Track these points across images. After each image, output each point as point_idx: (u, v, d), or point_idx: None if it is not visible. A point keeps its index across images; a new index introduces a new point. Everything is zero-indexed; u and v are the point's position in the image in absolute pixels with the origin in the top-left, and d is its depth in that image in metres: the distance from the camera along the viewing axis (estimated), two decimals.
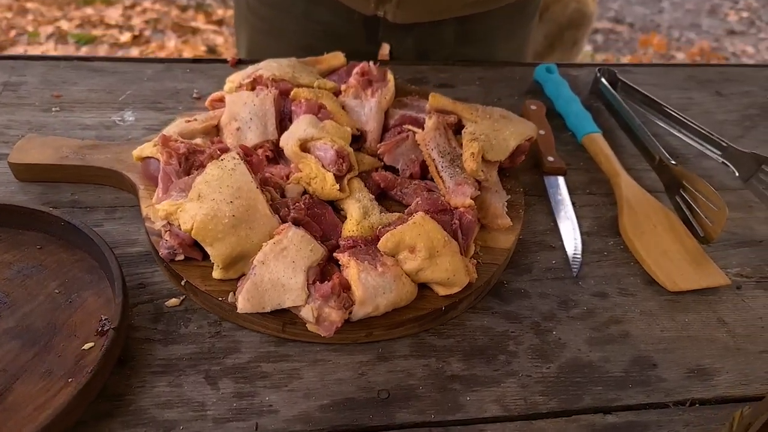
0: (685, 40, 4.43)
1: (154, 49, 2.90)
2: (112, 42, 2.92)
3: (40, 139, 0.57)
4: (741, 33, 4.63)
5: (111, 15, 3.34)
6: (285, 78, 0.60)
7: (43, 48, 2.78)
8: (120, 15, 3.40)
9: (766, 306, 0.53)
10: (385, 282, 0.44)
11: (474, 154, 0.53)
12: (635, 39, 4.36)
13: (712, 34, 4.57)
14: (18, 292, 0.47)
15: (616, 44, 4.29)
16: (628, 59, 3.73)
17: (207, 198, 0.46)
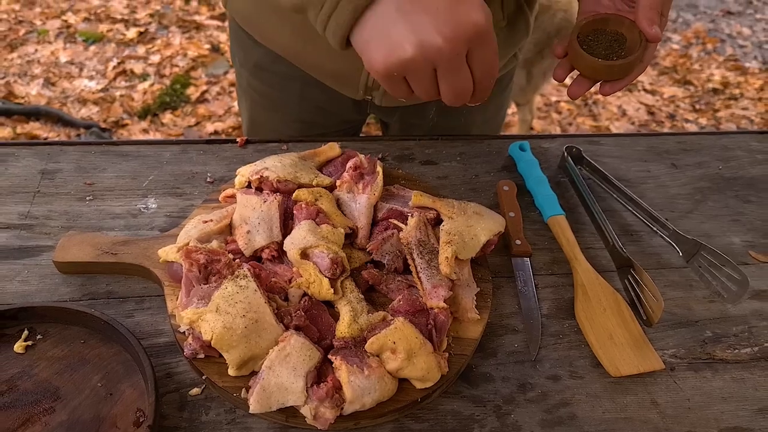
0: (681, 21, 4.43)
1: (159, 46, 2.97)
2: (119, 39, 2.98)
3: (79, 236, 0.67)
4: (738, 14, 4.63)
5: (116, 8, 3.39)
6: (288, 178, 0.69)
7: (53, 47, 2.84)
8: (125, 7, 3.44)
9: (694, 388, 0.63)
10: (370, 383, 0.54)
11: (448, 259, 0.63)
12: None
13: (708, 15, 4.57)
14: (67, 386, 0.57)
15: None
16: None
17: (223, 311, 0.56)
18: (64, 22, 3.17)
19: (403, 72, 0.51)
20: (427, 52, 0.48)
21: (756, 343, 0.68)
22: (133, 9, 3.44)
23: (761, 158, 0.92)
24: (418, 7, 0.48)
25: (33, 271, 0.66)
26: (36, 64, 2.73)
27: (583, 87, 0.67)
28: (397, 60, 0.49)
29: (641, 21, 0.62)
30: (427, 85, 0.52)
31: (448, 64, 0.50)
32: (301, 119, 0.90)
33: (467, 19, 0.48)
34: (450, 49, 0.48)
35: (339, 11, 0.50)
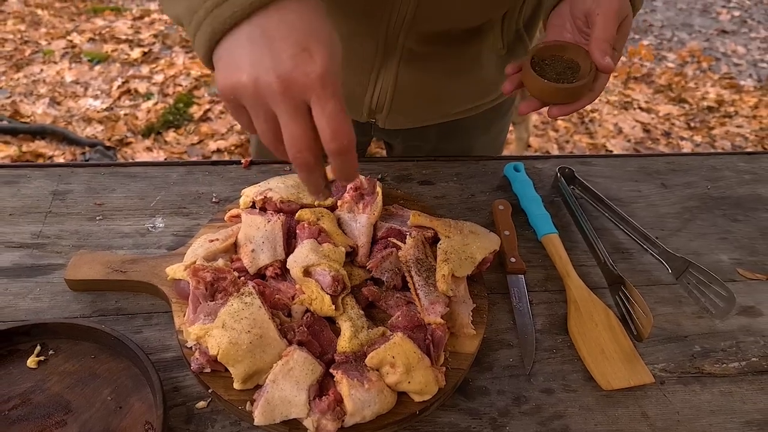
0: (676, 40, 4.50)
1: (163, 66, 3.02)
2: (123, 59, 3.03)
3: (90, 255, 0.70)
4: (732, 32, 4.70)
5: (121, 28, 3.45)
6: (291, 199, 0.72)
7: (58, 67, 2.89)
8: (129, 27, 3.51)
9: (683, 401, 0.65)
10: (370, 397, 0.57)
11: (445, 276, 0.65)
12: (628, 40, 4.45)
13: (703, 34, 4.64)
14: (78, 400, 0.59)
15: None
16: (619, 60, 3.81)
17: (229, 327, 0.58)
18: (69, 43, 3.23)
19: (238, 98, 0.49)
20: (260, 85, 0.47)
21: (743, 357, 0.70)
22: (138, 30, 3.50)
23: (748, 178, 0.95)
24: (266, 42, 0.47)
25: (45, 289, 0.68)
26: (42, 83, 2.78)
27: (531, 106, 0.69)
28: (232, 84, 0.48)
29: (593, 51, 0.65)
30: (262, 124, 0.50)
31: (281, 104, 0.47)
32: None
33: (304, 67, 0.47)
34: (281, 88, 0.46)
35: (201, 31, 0.50)
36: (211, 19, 0.48)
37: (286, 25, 0.47)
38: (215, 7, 0.47)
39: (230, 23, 0.48)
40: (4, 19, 3.59)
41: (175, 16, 0.53)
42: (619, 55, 0.68)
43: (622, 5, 0.67)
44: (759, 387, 0.67)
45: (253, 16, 0.47)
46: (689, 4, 5.28)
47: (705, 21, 4.94)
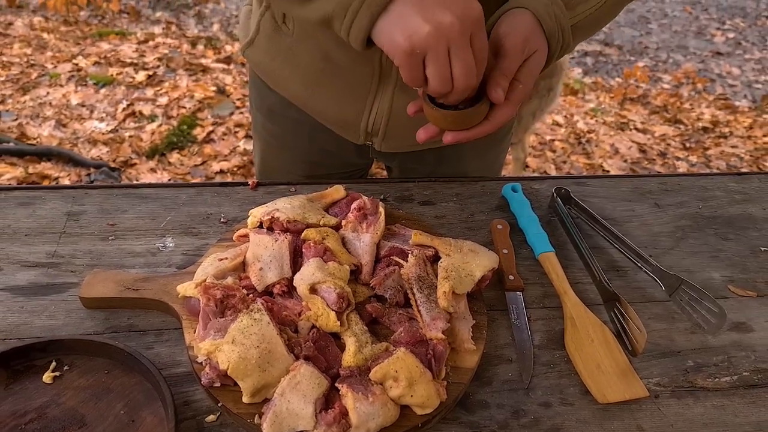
0: (672, 61, 4.58)
1: (167, 89, 3.07)
2: (128, 82, 3.09)
3: (103, 273, 0.72)
4: (727, 54, 4.78)
5: (125, 52, 3.52)
6: (297, 219, 0.75)
7: (64, 90, 2.95)
8: (134, 51, 3.57)
9: (677, 414, 0.67)
10: (374, 409, 0.59)
11: (446, 293, 0.68)
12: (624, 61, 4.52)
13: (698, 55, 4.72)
14: (92, 413, 0.61)
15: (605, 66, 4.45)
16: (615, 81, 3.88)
17: (239, 342, 0.60)
18: (75, 66, 3.29)
19: (423, 48, 0.58)
20: (442, 29, 0.57)
21: (735, 372, 0.72)
22: (142, 53, 3.57)
23: (739, 198, 0.98)
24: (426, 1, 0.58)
25: (59, 307, 0.71)
26: (48, 106, 2.83)
27: (428, 132, 0.70)
28: (418, 38, 0.57)
29: (488, 82, 0.65)
30: (441, 65, 0.59)
31: (459, 40, 0.58)
32: (309, 160, 0.97)
33: (470, 5, 0.59)
34: (460, 25, 0.57)
35: (359, 18, 0.60)
36: (368, 4, 0.59)
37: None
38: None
39: (385, 3, 0.59)
40: (11, 43, 3.66)
41: (322, 17, 0.63)
42: (524, 89, 0.68)
43: (531, 40, 0.67)
44: (750, 401, 0.69)
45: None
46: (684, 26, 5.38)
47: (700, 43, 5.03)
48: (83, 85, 3.06)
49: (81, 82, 3.08)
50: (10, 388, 0.62)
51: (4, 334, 0.67)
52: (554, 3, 0.68)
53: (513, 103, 0.68)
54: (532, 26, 0.67)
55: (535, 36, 0.67)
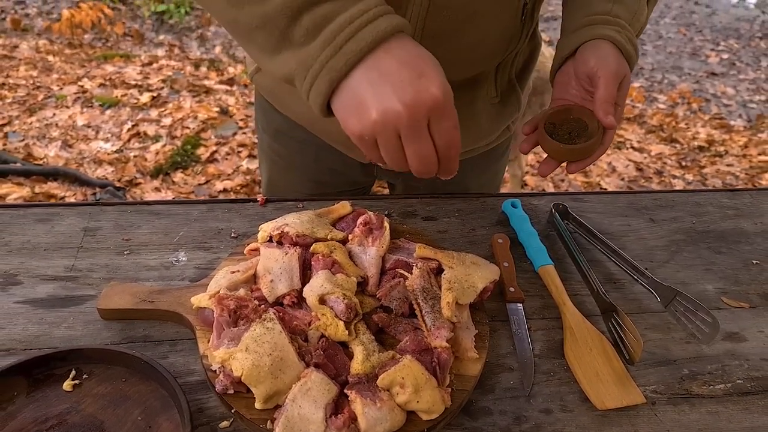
0: (667, 82, 4.66)
1: (171, 109, 3.13)
2: (133, 104, 3.14)
3: (120, 286, 0.75)
4: (722, 74, 4.86)
5: (130, 74, 3.58)
6: (306, 233, 0.78)
7: (70, 111, 3.00)
8: (138, 73, 3.64)
9: (673, 420, 0.70)
10: (382, 414, 0.61)
11: (449, 303, 0.71)
12: None
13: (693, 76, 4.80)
14: (111, 420, 0.63)
15: None
16: None
17: (252, 350, 0.63)
18: (80, 88, 3.35)
19: (371, 135, 0.57)
20: (389, 117, 0.55)
21: (729, 380, 0.75)
22: (146, 75, 3.64)
23: (731, 213, 1.01)
24: (385, 79, 0.55)
25: (78, 318, 0.74)
26: (54, 127, 2.88)
27: (551, 166, 0.77)
28: (365, 123, 0.56)
29: (598, 111, 0.73)
30: (392, 151, 0.58)
31: (408, 130, 0.56)
32: (315, 179, 1.00)
33: (426, 92, 0.55)
34: (408, 115, 0.54)
35: (318, 83, 0.57)
36: (327, 70, 0.55)
37: (396, 59, 0.55)
38: (329, 59, 0.55)
39: (345, 70, 0.55)
40: (17, 65, 3.73)
41: (285, 75, 0.59)
42: (621, 110, 0.76)
43: (620, 66, 0.75)
44: (744, 407, 0.72)
45: (364, 59, 0.55)
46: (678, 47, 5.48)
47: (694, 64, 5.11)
48: (89, 106, 3.11)
49: (87, 104, 3.13)
50: (32, 395, 0.65)
51: (24, 345, 0.70)
52: (623, 29, 0.75)
53: (617, 124, 0.75)
54: (616, 55, 0.74)
55: (621, 62, 0.75)
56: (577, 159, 0.77)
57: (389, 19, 0.56)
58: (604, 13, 0.77)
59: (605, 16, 0.77)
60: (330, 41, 0.55)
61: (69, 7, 4.70)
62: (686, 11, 6.18)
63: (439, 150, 0.59)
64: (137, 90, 3.36)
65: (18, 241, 0.82)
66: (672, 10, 6.17)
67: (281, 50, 0.58)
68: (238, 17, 0.59)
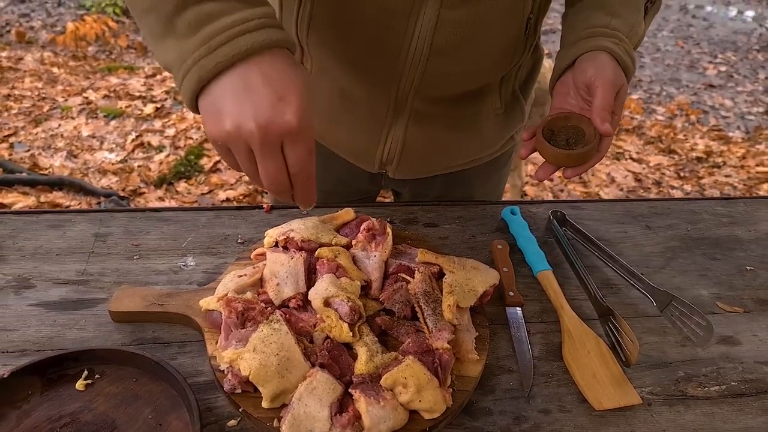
0: (665, 94, 4.70)
1: (175, 120, 3.16)
2: (137, 115, 3.18)
3: (130, 289, 0.77)
4: (720, 86, 4.91)
5: (134, 86, 3.63)
6: (311, 238, 0.80)
7: (75, 122, 3.04)
8: (142, 85, 3.68)
9: (669, 420, 0.71)
10: (385, 413, 0.63)
11: (450, 306, 0.73)
12: None
13: (691, 88, 4.84)
14: (122, 418, 0.65)
15: None
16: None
17: (259, 351, 0.65)
18: (85, 99, 3.39)
19: (224, 143, 0.58)
20: (242, 132, 0.56)
21: (723, 382, 0.77)
22: (150, 87, 3.68)
23: (726, 221, 1.04)
24: (247, 94, 0.55)
25: (89, 320, 0.76)
26: (59, 137, 2.91)
27: (548, 171, 0.80)
28: (220, 131, 0.56)
29: (595, 119, 0.76)
30: (245, 163, 0.59)
31: (259, 149, 0.56)
32: (324, 189, 1.02)
33: (281, 116, 0.55)
34: (260, 135, 0.55)
35: (188, 78, 0.57)
36: (198, 68, 0.56)
37: (263, 76, 0.56)
38: (202, 57, 0.55)
39: (214, 72, 0.56)
40: (21, 77, 3.77)
41: (165, 63, 0.60)
42: (618, 119, 0.79)
43: (617, 76, 0.78)
44: (738, 408, 0.74)
45: (235, 66, 0.56)
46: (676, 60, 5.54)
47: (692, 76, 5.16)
48: (93, 117, 3.15)
49: (91, 115, 3.17)
50: (46, 394, 0.67)
51: (38, 346, 0.72)
52: (621, 41, 0.78)
53: (613, 132, 0.78)
54: (613, 65, 0.77)
55: (618, 73, 0.78)
56: (574, 164, 0.79)
57: (269, 33, 0.57)
58: (602, 26, 0.80)
59: (604, 29, 0.80)
60: (207, 41, 0.56)
61: (73, 19, 4.76)
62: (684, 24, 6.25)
63: (291, 173, 0.60)
64: (141, 101, 3.40)
65: (31, 246, 0.85)
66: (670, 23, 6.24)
67: (166, 37, 0.59)
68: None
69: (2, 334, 0.73)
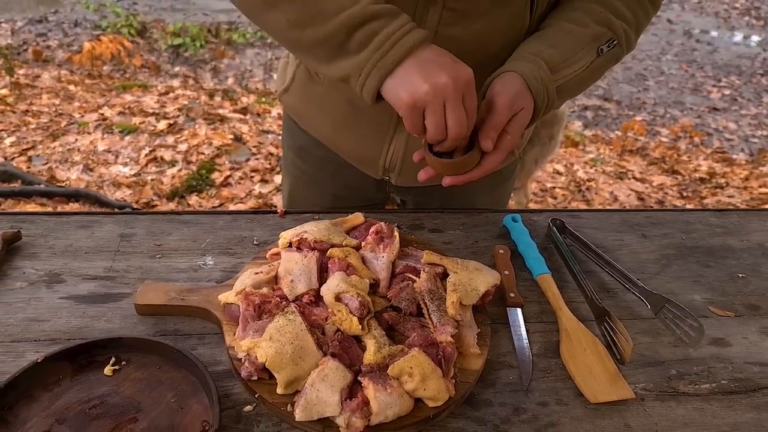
0: (669, 116, 4.75)
1: (187, 136, 3.25)
2: (151, 130, 3.26)
3: (154, 284, 0.83)
4: (723, 110, 4.96)
5: (148, 103, 3.72)
6: (323, 239, 0.86)
7: (92, 137, 3.12)
8: (155, 102, 3.78)
9: (661, 414, 0.75)
10: (392, 399, 0.68)
11: (454, 303, 0.78)
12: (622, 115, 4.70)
13: (695, 111, 4.90)
14: (147, 401, 0.70)
15: (605, 120, 4.63)
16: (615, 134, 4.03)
17: (275, 339, 0.70)
18: (101, 116, 3.48)
19: (423, 103, 0.71)
20: (438, 87, 0.70)
21: (714, 380, 0.81)
22: (163, 104, 3.77)
23: (719, 231, 1.08)
24: (430, 64, 0.71)
25: (116, 313, 0.81)
26: (76, 151, 3.00)
27: (428, 174, 0.83)
28: (418, 94, 0.70)
29: (480, 133, 0.78)
30: (438, 116, 0.72)
31: (453, 97, 0.70)
32: (333, 194, 1.09)
33: (464, 69, 0.72)
34: (453, 85, 0.70)
35: (370, 79, 0.73)
36: (377, 68, 0.72)
37: (434, 55, 0.72)
38: (378, 60, 0.72)
39: (391, 68, 0.72)
40: (39, 94, 3.88)
41: (341, 76, 0.76)
42: (511, 139, 0.80)
43: (519, 98, 0.79)
44: (727, 405, 0.77)
45: (406, 59, 0.72)
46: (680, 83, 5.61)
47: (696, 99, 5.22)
48: (109, 132, 3.24)
49: (107, 130, 3.26)
50: (76, 379, 0.72)
51: (68, 335, 0.77)
52: (540, 68, 0.81)
53: (501, 150, 0.80)
54: (520, 87, 0.80)
55: (522, 95, 0.79)
56: (453, 173, 0.81)
57: (419, 32, 0.73)
58: (532, 53, 0.82)
59: (531, 55, 0.82)
60: (378, 48, 0.71)
61: (90, 39, 4.90)
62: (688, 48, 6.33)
63: (468, 118, 0.73)
64: (155, 118, 3.49)
65: (62, 245, 0.90)
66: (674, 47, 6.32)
67: (338, 58, 0.74)
68: (301, 37, 0.75)
69: (35, 324, 0.78)
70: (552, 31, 0.85)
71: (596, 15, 0.84)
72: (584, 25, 0.84)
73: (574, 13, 0.85)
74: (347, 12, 0.71)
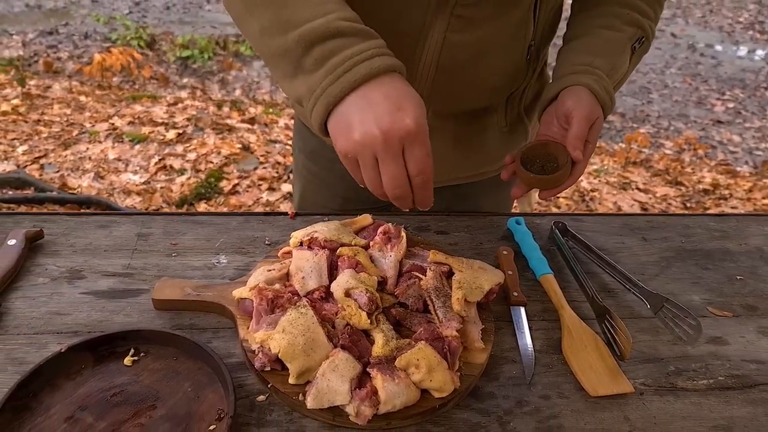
0: (673, 129, 4.78)
1: (196, 146, 3.30)
2: (160, 140, 3.32)
3: (170, 281, 0.86)
4: (727, 122, 4.98)
5: (157, 113, 3.78)
6: (333, 239, 0.89)
7: (102, 146, 3.18)
8: (164, 112, 3.84)
9: (660, 408, 0.78)
10: (399, 389, 0.71)
11: (459, 299, 0.81)
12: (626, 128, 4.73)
13: (699, 124, 4.92)
14: (165, 390, 0.73)
15: (608, 132, 4.67)
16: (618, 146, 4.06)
17: (288, 331, 0.73)
18: (111, 125, 3.54)
19: (353, 154, 0.66)
20: (367, 139, 0.64)
21: (711, 376, 0.83)
22: (172, 114, 3.84)
23: (717, 235, 1.11)
24: (370, 108, 0.64)
25: (134, 308, 0.84)
26: (87, 160, 3.05)
27: (522, 190, 0.90)
28: (349, 143, 0.65)
29: (568, 146, 0.86)
30: (370, 172, 0.67)
31: (383, 153, 0.65)
32: (343, 196, 1.12)
33: (401, 122, 0.64)
34: (383, 139, 0.64)
35: (318, 105, 0.67)
36: (326, 95, 0.66)
37: (383, 93, 0.65)
38: (329, 85, 0.66)
39: (340, 96, 0.66)
40: (50, 104, 3.95)
41: (297, 97, 0.71)
42: (592, 147, 0.88)
43: (593, 110, 0.87)
44: (724, 400, 0.80)
45: (357, 89, 0.65)
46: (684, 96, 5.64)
47: (700, 112, 5.25)
48: (119, 141, 3.29)
49: (117, 139, 3.32)
50: (97, 368, 0.75)
51: (89, 328, 0.81)
52: (601, 78, 0.88)
53: (586, 159, 0.87)
54: (591, 99, 0.87)
55: (595, 106, 0.87)
56: (547, 187, 0.89)
57: (384, 60, 0.67)
58: (585, 64, 0.90)
59: (586, 67, 0.90)
60: (331, 71, 0.65)
61: (100, 51, 4.98)
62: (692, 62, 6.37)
63: (411, 175, 0.67)
64: (164, 127, 3.55)
65: (82, 243, 0.94)
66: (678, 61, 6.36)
67: (297, 75, 0.69)
68: (270, 46, 0.70)
69: (57, 318, 0.82)
70: (592, 41, 0.92)
71: (625, 17, 0.91)
72: (618, 30, 0.90)
73: (605, 19, 0.92)
74: (310, 24, 0.66)
